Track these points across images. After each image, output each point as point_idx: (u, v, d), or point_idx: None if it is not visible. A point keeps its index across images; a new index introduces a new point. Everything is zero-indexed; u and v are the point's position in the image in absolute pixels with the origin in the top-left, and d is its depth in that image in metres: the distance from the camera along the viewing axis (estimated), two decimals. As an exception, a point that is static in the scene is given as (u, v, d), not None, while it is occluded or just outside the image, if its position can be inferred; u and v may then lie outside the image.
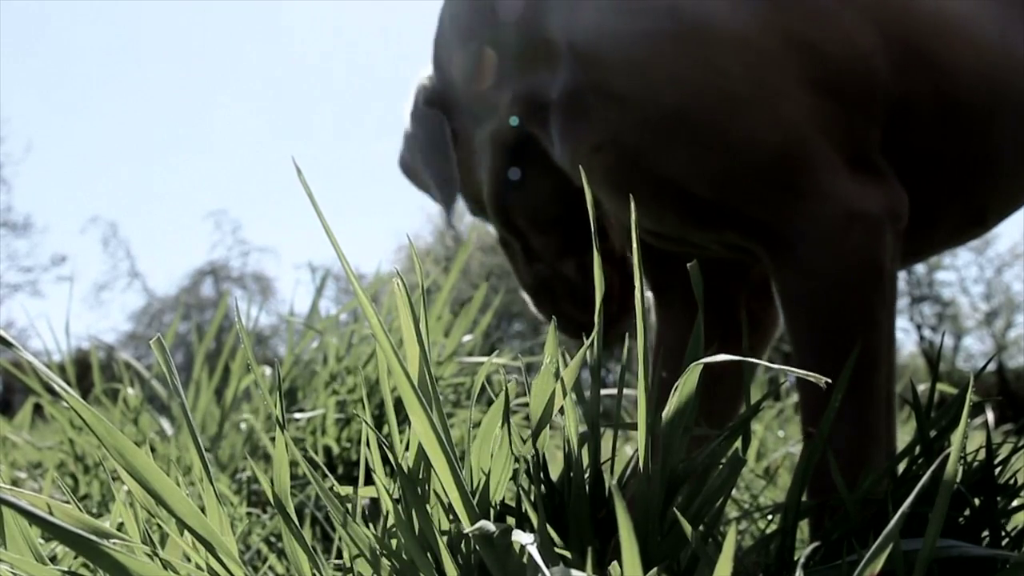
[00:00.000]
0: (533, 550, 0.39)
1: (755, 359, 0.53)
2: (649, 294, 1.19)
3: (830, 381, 0.47)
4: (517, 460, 0.56)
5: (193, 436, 0.54)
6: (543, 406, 0.53)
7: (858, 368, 0.84)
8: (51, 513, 0.47)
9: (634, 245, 0.51)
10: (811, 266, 0.86)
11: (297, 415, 1.41)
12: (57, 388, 0.47)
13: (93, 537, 0.45)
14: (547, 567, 0.40)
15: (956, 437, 0.41)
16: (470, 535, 0.49)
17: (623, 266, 1.16)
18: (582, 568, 0.49)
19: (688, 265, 0.54)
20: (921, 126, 0.93)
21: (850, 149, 0.89)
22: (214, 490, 0.53)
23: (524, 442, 0.57)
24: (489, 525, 0.45)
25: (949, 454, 0.42)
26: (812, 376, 0.45)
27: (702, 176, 0.88)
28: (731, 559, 0.31)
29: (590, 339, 0.54)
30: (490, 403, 0.56)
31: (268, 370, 1.61)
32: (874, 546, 0.38)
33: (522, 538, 0.42)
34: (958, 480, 0.73)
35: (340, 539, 0.53)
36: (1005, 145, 0.98)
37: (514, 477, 0.56)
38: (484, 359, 1.52)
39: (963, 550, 0.42)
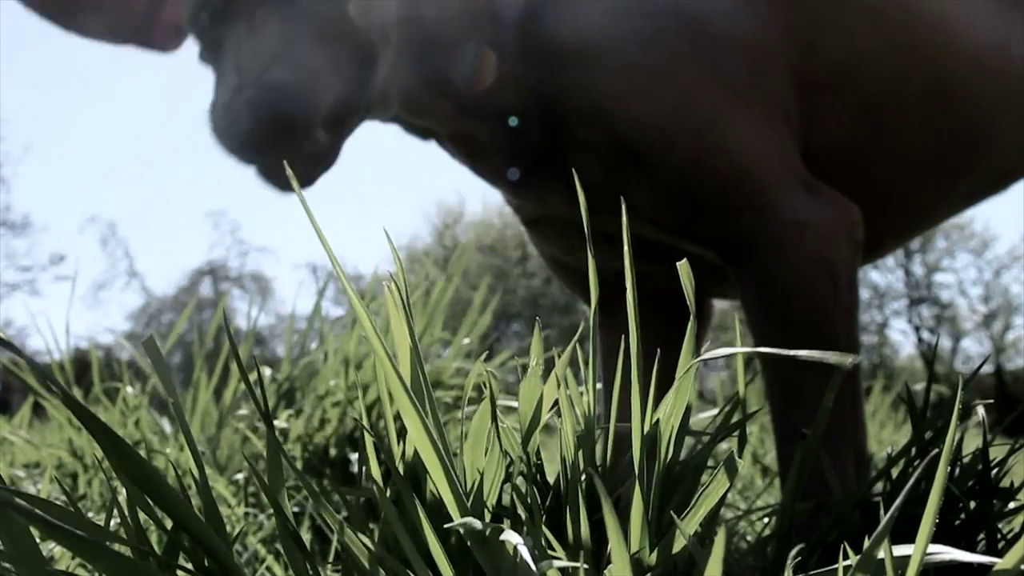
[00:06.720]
0: (523, 549, 0.39)
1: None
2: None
3: (857, 357, 0.47)
4: (512, 461, 0.56)
5: (182, 430, 0.54)
6: (532, 408, 0.54)
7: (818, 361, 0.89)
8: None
9: (625, 243, 0.51)
10: (768, 273, 0.93)
11: (276, 419, 1.41)
12: (54, 388, 0.47)
13: (90, 537, 0.45)
14: (539, 567, 0.40)
15: (947, 438, 0.41)
16: (464, 536, 0.49)
17: None
18: (576, 570, 0.50)
19: (678, 264, 0.54)
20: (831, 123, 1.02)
21: (799, 167, 0.96)
22: (195, 486, 0.53)
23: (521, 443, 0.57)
24: (475, 523, 0.46)
25: (937, 456, 0.42)
26: (834, 357, 0.46)
27: (665, 207, 0.95)
28: (720, 561, 0.31)
29: (576, 336, 0.54)
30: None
31: (268, 371, 1.61)
32: (864, 549, 0.38)
33: (511, 538, 0.43)
34: (954, 483, 0.73)
35: (337, 539, 0.53)
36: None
37: (509, 478, 0.56)
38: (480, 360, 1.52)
39: (952, 556, 0.42)
